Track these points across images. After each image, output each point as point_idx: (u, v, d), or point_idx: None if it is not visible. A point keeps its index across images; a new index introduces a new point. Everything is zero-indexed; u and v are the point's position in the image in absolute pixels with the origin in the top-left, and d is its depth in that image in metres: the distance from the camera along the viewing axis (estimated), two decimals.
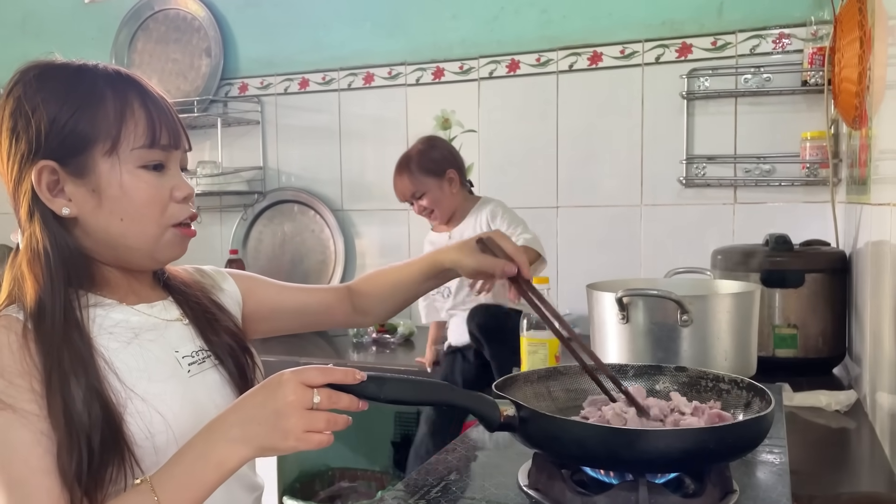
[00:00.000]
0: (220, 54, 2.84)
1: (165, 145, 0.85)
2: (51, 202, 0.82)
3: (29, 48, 3.17)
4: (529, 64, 2.45)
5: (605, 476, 0.81)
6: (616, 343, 1.15)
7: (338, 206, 2.78)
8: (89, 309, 0.83)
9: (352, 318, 1.13)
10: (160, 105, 0.85)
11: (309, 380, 0.72)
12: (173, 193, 0.86)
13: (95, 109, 0.81)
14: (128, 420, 0.79)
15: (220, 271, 1.04)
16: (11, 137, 0.82)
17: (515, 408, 0.79)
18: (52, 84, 0.82)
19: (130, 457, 0.78)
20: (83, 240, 0.84)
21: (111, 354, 0.81)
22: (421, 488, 0.86)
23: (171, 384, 0.84)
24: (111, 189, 0.82)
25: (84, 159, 0.82)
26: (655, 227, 2.33)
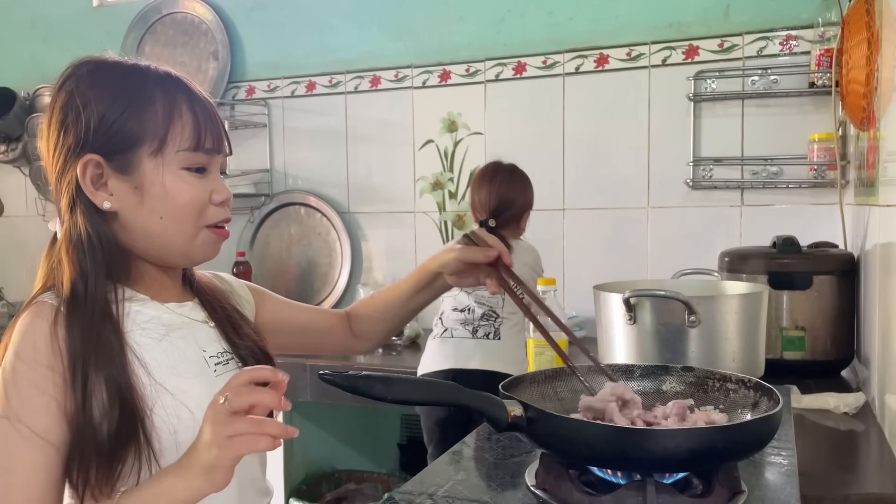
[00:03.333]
0: (228, 57, 2.86)
1: (209, 149, 0.86)
2: (93, 195, 0.83)
3: (38, 51, 3.19)
4: (536, 66, 2.46)
5: (612, 476, 0.81)
6: (623, 344, 1.15)
7: (344, 208, 2.78)
8: (124, 303, 0.84)
9: (350, 343, 1.14)
10: (206, 109, 0.87)
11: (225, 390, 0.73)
12: (212, 196, 0.87)
13: (144, 109, 0.83)
14: (157, 413, 0.80)
15: (237, 279, 1.06)
16: (60, 129, 0.83)
17: (523, 408, 0.79)
18: (105, 81, 0.84)
19: (149, 451, 0.78)
20: (121, 234, 0.86)
21: (143, 350, 0.83)
22: (428, 488, 0.86)
23: (198, 382, 0.85)
24: (154, 188, 0.84)
25: (130, 157, 0.83)
26: (662, 229, 2.33)
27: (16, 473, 0.75)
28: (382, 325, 1.13)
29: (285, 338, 1.08)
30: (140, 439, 0.78)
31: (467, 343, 1.95)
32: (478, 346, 1.94)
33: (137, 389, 0.80)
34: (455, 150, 2.59)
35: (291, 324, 1.09)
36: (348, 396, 0.78)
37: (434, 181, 2.64)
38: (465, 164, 2.58)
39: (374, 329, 1.13)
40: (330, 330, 1.12)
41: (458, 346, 1.95)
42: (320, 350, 1.14)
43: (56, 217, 0.87)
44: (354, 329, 1.13)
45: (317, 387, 2.12)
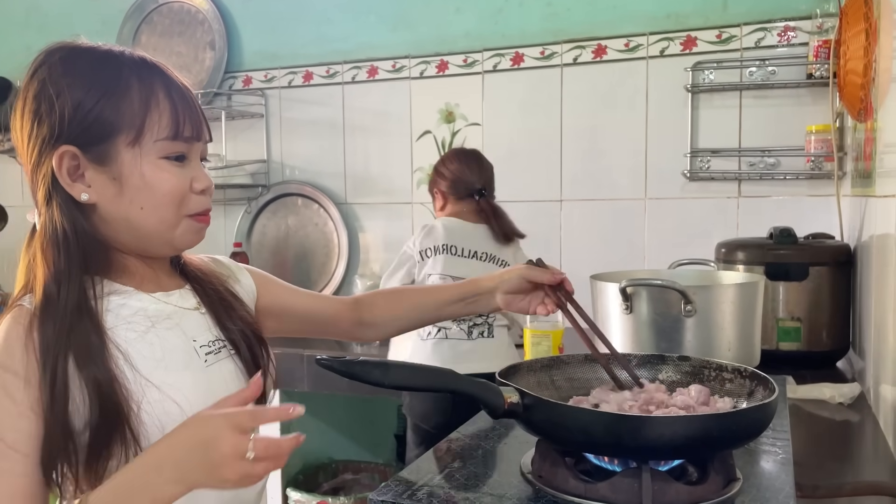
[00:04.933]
0: (225, 47, 2.84)
1: (188, 137, 0.85)
2: (70, 187, 0.81)
3: (33, 41, 3.16)
4: (534, 57, 2.45)
5: (608, 463, 0.82)
6: (619, 334, 1.15)
7: (342, 199, 2.78)
8: (105, 298, 0.83)
9: (356, 330, 1.13)
10: (184, 95, 0.85)
11: (241, 425, 0.70)
12: (193, 185, 0.86)
13: (120, 98, 0.81)
14: (144, 409, 0.79)
15: (236, 263, 1.04)
16: (34, 120, 0.81)
17: (519, 395, 0.79)
18: (78, 68, 0.81)
19: (136, 448, 0.77)
20: (100, 226, 0.84)
21: (128, 345, 0.81)
22: (424, 476, 0.86)
23: (187, 374, 0.84)
24: (133, 178, 0.82)
25: (106, 147, 0.81)
26: (659, 220, 2.33)
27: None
28: (402, 321, 1.13)
29: (288, 323, 1.07)
30: (126, 436, 0.77)
31: (464, 345, 1.91)
32: (475, 347, 1.91)
33: (123, 385, 0.78)
34: (452, 141, 2.59)
35: (294, 310, 1.08)
36: (345, 386, 0.78)
37: (431, 172, 2.63)
38: None
39: (391, 322, 1.12)
40: (334, 318, 1.11)
41: (456, 349, 1.91)
42: (325, 336, 1.14)
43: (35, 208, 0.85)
44: (366, 318, 1.11)
45: (314, 377, 2.12)
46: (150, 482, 0.71)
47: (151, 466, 0.72)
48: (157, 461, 0.72)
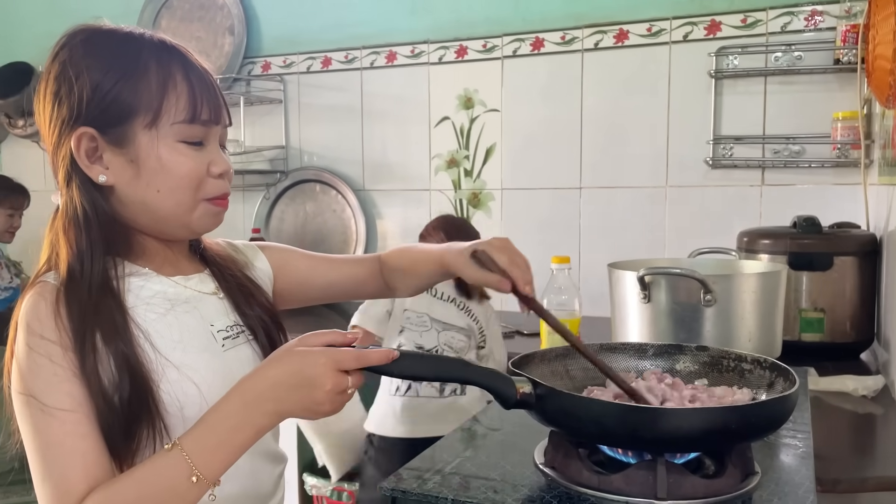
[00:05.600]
0: (244, 32, 2.84)
1: (206, 121, 0.84)
2: (88, 169, 0.82)
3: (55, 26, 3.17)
4: (554, 42, 2.41)
5: (622, 455, 0.80)
6: (637, 323, 1.13)
7: (359, 185, 2.77)
8: (126, 279, 0.84)
9: (384, 291, 1.11)
10: (203, 79, 0.84)
11: (344, 365, 0.73)
12: (210, 169, 0.85)
13: (138, 80, 0.81)
14: (163, 388, 0.80)
15: (252, 246, 1.04)
16: (54, 101, 0.82)
17: (532, 385, 0.78)
18: (98, 50, 0.81)
19: (161, 425, 0.78)
20: (119, 208, 0.84)
21: (148, 325, 0.82)
22: (436, 464, 0.85)
23: (204, 356, 0.85)
24: (149, 161, 0.82)
25: (124, 129, 0.81)
26: (680, 208, 2.29)
27: (64, 444, 0.74)
28: (413, 280, 1.08)
29: (310, 293, 1.07)
30: (151, 411, 0.78)
31: (436, 403, 1.74)
32: (448, 406, 1.74)
33: (144, 363, 0.80)
34: (471, 127, 2.57)
35: (315, 283, 1.06)
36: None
37: (449, 159, 2.62)
38: (480, 141, 2.56)
39: (404, 283, 1.09)
40: (357, 283, 1.09)
41: (427, 408, 1.74)
42: (354, 298, 1.14)
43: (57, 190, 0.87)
44: (388, 279, 1.09)
45: None
46: (251, 416, 0.74)
47: (250, 401, 0.74)
48: (258, 396, 0.74)
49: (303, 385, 0.73)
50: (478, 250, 0.96)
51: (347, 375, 0.73)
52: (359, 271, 1.10)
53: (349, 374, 0.74)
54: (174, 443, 0.73)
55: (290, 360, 0.74)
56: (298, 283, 1.05)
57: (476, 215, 2.59)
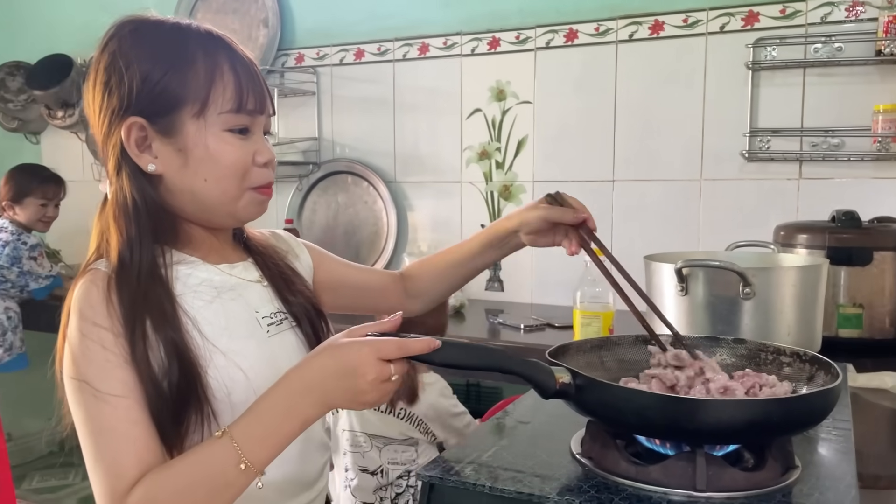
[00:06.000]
0: (278, 25, 2.86)
1: (251, 110, 0.86)
2: (138, 158, 0.84)
3: (93, 18, 3.22)
4: (588, 34, 2.40)
5: (660, 447, 0.80)
6: (673, 316, 1.12)
7: (391, 177, 2.78)
8: (174, 266, 0.85)
9: (404, 303, 1.14)
10: (248, 69, 0.86)
11: (386, 354, 0.74)
12: (255, 158, 0.87)
13: (186, 71, 0.82)
14: (211, 374, 0.81)
15: (294, 238, 1.06)
16: (105, 91, 0.83)
17: (571, 375, 0.78)
18: (147, 41, 0.83)
19: (209, 410, 0.80)
20: (167, 197, 0.86)
21: (195, 312, 0.84)
22: (471, 453, 0.86)
23: (251, 342, 0.86)
24: (197, 150, 0.84)
25: (172, 119, 0.83)
26: (715, 202, 2.26)
27: (117, 429, 0.76)
28: (442, 284, 1.12)
29: (342, 297, 1.09)
30: (200, 396, 0.80)
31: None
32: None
33: (192, 350, 0.81)
34: (503, 119, 2.56)
35: (348, 283, 1.09)
36: None
37: (481, 151, 2.61)
38: (512, 133, 2.55)
39: (432, 288, 1.12)
40: (384, 290, 1.12)
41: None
42: (375, 310, 1.15)
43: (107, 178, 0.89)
44: (409, 289, 1.13)
45: None
46: (298, 405, 0.75)
47: (297, 391, 0.75)
48: (305, 387, 0.75)
49: (347, 375, 0.74)
50: (554, 192, 1.05)
51: (390, 364, 0.74)
52: (385, 279, 1.14)
53: (392, 363, 0.74)
54: (224, 430, 0.75)
55: (334, 351, 0.75)
56: (334, 282, 1.07)
57: (507, 207, 2.59)
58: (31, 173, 2.68)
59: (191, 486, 0.74)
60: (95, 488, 0.76)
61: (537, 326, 2.12)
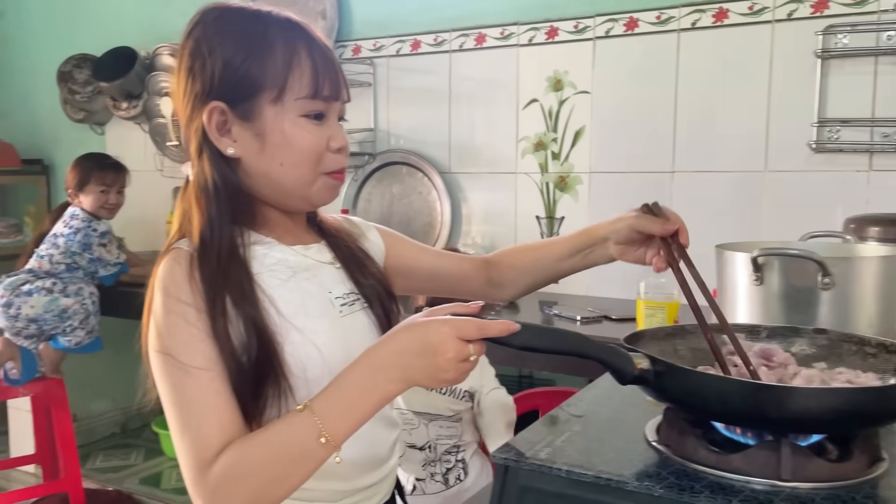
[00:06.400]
0: (335, 17, 2.89)
1: (327, 96, 0.87)
2: (218, 142, 0.86)
3: (157, 12, 3.31)
4: (649, 22, 2.36)
5: (740, 435, 0.79)
6: (747, 306, 1.10)
7: (445, 168, 2.78)
8: (251, 246, 0.88)
9: (486, 291, 1.12)
10: (325, 55, 0.88)
11: (466, 334, 0.74)
12: (329, 144, 0.89)
13: (266, 57, 0.84)
14: (287, 350, 0.83)
15: (366, 223, 1.07)
16: (189, 76, 0.86)
17: (650, 361, 0.78)
18: (229, 28, 0.86)
19: (286, 385, 0.82)
20: (245, 179, 0.89)
21: (272, 290, 0.86)
22: (545, 437, 0.86)
23: (324, 321, 0.88)
24: (274, 135, 0.86)
25: (251, 104, 0.85)
26: (780, 194, 2.21)
27: (200, 401, 0.79)
28: (527, 279, 1.10)
29: (414, 281, 1.09)
30: (277, 372, 0.82)
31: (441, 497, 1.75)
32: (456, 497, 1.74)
33: (270, 326, 0.83)
34: (560, 109, 2.54)
35: (421, 268, 1.09)
36: None
37: (537, 141, 2.60)
38: (569, 124, 2.53)
39: (517, 281, 1.11)
40: (461, 279, 1.11)
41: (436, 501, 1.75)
42: (455, 295, 1.14)
43: (188, 161, 0.91)
44: (494, 277, 1.11)
45: None
46: (378, 382, 0.76)
47: (377, 368, 0.76)
48: (384, 363, 0.76)
49: (426, 352, 0.74)
50: (651, 203, 1.03)
51: (470, 345, 0.75)
52: (464, 265, 1.13)
53: (471, 343, 0.75)
54: (305, 405, 0.76)
55: (415, 329, 0.76)
56: (407, 265, 1.08)
57: (563, 199, 2.57)
58: (92, 161, 2.76)
59: (273, 458, 0.76)
60: (181, 457, 0.79)
61: (594, 318, 2.10)
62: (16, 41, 3.93)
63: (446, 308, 0.79)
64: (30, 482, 3.03)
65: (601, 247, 1.05)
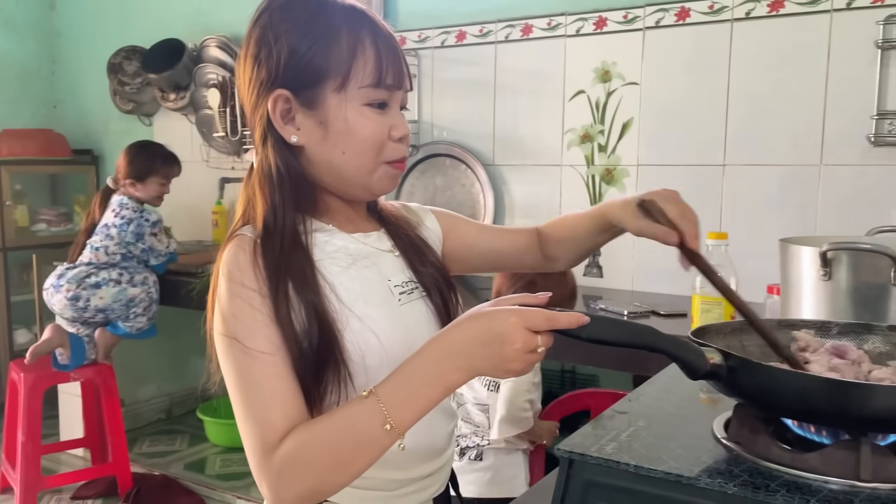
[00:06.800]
0: (381, 8, 2.89)
1: (390, 85, 0.87)
2: (282, 129, 0.87)
3: (204, 4, 3.35)
4: (701, 12, 2.31)
5: (814, 434, 0.77)
6: (813, 302, 1.07)
7: (489, 160, 2.77)
8: (313, 234, 0.88)
9: (541, 263, 1.12)
10: (389, 44, 0.87)
11: (534, 325, 0.73)
12: (391, 132, 0.88)
13: (330, 45, 0.84)
14: (346, 337, 0.83)
15: (423, 208, 1.07)
16: (254, 64, 0.86)
17: (723, 356, 0.76)
18: (295, 15, 0.85)
19: (346, 372, 0.82)
20: (308, 167, 0.89)
21: (332, 277, 0.86)
22: (610, 432, 0.84)
23: (383, 309, 0.88)
24: (337, 123, 0.86)
25: (315, 92, 0.85)
26: (836, 189, 2.15)
27: (265, 385, 0.79)
28: (571, 249, 1.09)
29: (474, 261, 1.09)
30: (337, 358, 0.82)
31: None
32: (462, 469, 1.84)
33: (330, 313, 0.83)
34: (607, 101, 2.51)
35: (480, 249, 1.09)
36: None
37: (583, 133, 2.57)
38: (617, 115, 2.50)
39: (564, 253, 1.09)
40: (520, 252, 1.10)
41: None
42: (516, 269, 1.14)
43: (252, 149, 0.92)
44: (545, 249, 1.10)
45: None
46: (443, 370, 0.75)
47: (443, 356, 0.76)
48: (450, 352, 0.75)
49: (493, 341, 0.73)
50: (646, 199, 0.95)
51: (537, 335, 0.74)
52: (520, 240, 1.11)
53: (539, 335, 0.74)
54: (370, 391, 0.76)
55: (482, 317, 0.75)
56: (466, 247, 1.07)
57: (609, 192, 2.54)
58: (153, 153, 2.80)
59: (337, 442, 0.76)
60: (246, 440, 0.79)
61: (641, 313, 2.08)
62: (67, 34, 4.01)
63: (513, 298, 0.78)
64: (78, 465, 3.11)
65: (619, 228, 1.02)
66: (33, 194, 3.90)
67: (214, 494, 2.87)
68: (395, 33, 0.82)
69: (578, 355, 2.00)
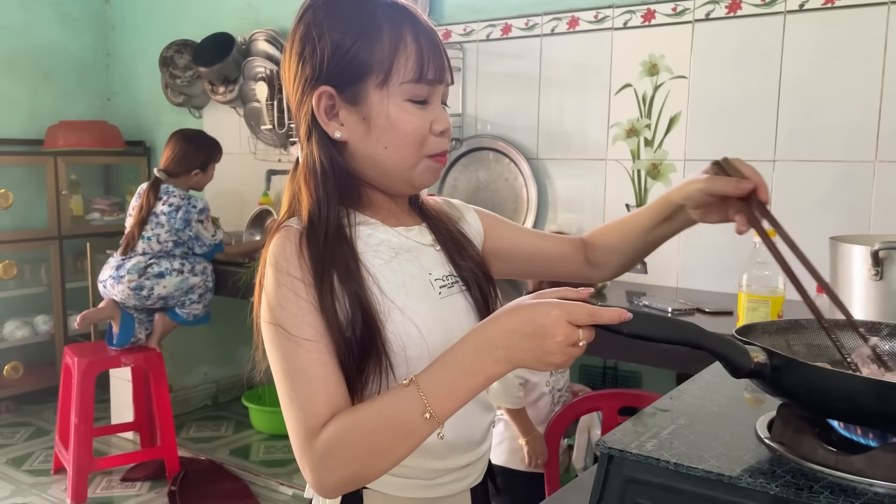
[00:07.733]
0: (427, 2, 2.89)
1: (431, 80, 0.87)
2: (326, 125, 0.88)
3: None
4: (753, 4, 2.26)
5: (859, 436, 0.75)
6: (863, 301, 1.05)
7: (533, 154, 2.76)
8: (356, 227, 0.90)
9: (584, 271, 1.11)
10: (431, 39, 0.88)
11: (576, 319, 0.73)
12: (433, 126, 0.89)
13: (373, 41, 0.85)
14: (388, 328, 0.85)
15: (465, 205, 1.08)
16: (299, 61, 0.88)
17: (768, 355, 0.75)
18: (339, 12, 0.87)
19: (387, 362, 0.83)
20: (351, 162, 0.90)
21: (375, 270, 0.88)
22: (650, 429, 0.84)
23: (424, 302, 0.89)
24: (379, 119, 0.87)
25: (358, 88, 0.86)
26: (891, 186, 2.09)
27: (309, 371, 0.81)
28: (617, 256, 1.08)
29: (513, 263, 1.09)
30: (379, 349, 0.83)
31: None
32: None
33: (373, 304, 0.85)
34: (654, 94, 2.48)
35: (520, 250, 1.09)
36: None
37: (629, 128, 2.54)
38: (664, 109, 2.46)
39: (609, 259, 1.09)
40: (560, 259, 1.10)
41: None
42: (554, 277, 1.13)
43: (298, 143, 0.94)
44: (590, 258, 1.10)
45: None
46: (484, 361, 0.76)
47: (484, 347, 0.76)
48: (491, 343, 0.76)
49: (535, 334, 0.74)
50: (720, 159, 0.95)
51: (579, 329, 0.74)
52: (562, 246, 1.11)
53: (581, 329, 0.74)
54: (411, 379, 0.77)
55: (524, 310, 0.75)
56: (505, 249, 1.07)
57: (654, 187, 2.51)
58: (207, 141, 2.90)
59: (378, 430, 0.77)
60: (290, 424, 0.81)
61: (686, 311, 2.05)
62: (121, 27, 4.12)
63: (555, 292, 0.78)
64: (128, 448, 3.20)
65: (680, 213, 1.00)
66: (88, 184, 4.02)
67: (258, 480, 2.93)
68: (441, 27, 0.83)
69: (620, 351, 1.98)
